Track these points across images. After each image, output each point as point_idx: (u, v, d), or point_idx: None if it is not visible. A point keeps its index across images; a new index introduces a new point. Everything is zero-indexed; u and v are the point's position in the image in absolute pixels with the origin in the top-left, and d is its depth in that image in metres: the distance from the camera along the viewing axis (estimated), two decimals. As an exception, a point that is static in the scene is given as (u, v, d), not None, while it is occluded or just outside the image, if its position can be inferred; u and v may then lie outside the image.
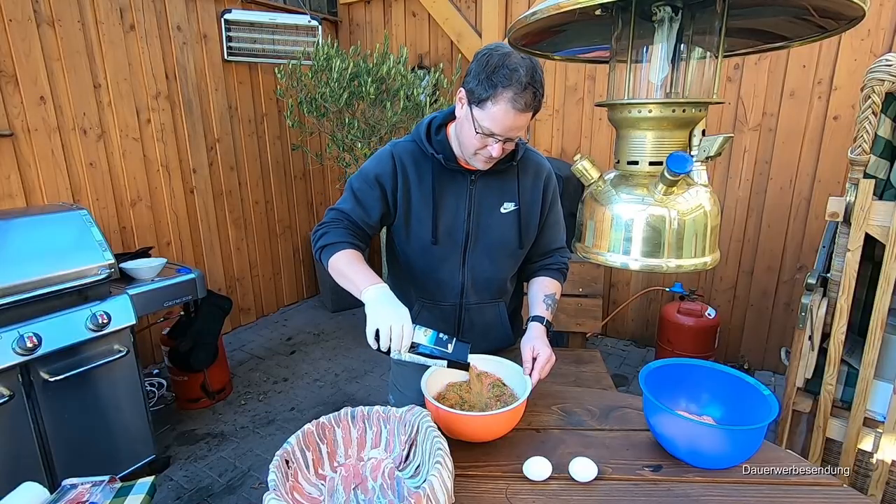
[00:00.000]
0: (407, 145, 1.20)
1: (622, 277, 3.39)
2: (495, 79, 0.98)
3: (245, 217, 3.63)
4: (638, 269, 0.72)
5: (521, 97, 0.98)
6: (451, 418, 1.00)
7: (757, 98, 2.74)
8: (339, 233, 1.17)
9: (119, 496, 1.29)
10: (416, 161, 1.19)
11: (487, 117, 1.01)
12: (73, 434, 1.87)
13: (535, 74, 0.99)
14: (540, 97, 1.01)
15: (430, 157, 1.18)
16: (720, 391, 1.08)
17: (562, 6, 0.60)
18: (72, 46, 2.55)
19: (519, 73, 0.97)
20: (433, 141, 1.18)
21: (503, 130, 1.02)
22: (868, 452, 1.55)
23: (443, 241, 1.20)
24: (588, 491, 0.92)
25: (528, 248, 1.29)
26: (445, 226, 1.19)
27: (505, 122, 1.00)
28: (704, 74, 0.73)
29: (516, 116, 1.00)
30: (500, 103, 0.99)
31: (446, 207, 1.19)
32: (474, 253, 1.22)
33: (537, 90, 0.99)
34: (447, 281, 1.24)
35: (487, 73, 0.99)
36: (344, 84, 2.87)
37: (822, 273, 1.68)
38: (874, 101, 1.38)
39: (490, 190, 1.20)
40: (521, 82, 0.97)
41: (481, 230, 1.21)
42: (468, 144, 1.09)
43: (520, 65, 0.98)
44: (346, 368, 3.15)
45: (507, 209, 1.21)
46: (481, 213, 1.20)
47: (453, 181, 1.19)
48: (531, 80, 0.98)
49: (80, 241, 1.93)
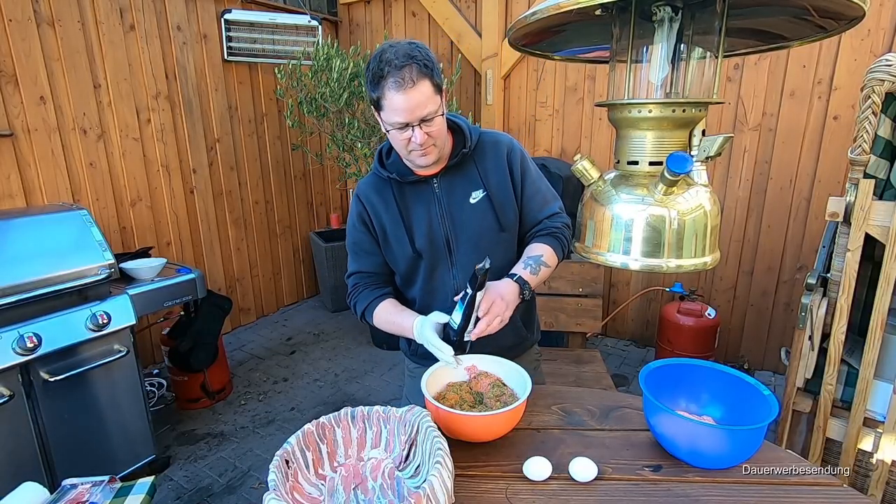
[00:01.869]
0: (368, 179, 1.26)
1: (622, 277, 3.39)
2: (375, 77, 1.02)
3: (245, 217, 3.63)
4: (638, 269, 0.72)
5: (400, 74, 1.00)
6: (451, 418, 1.00)
7: (757, 98, 2.74)
8: (364, 295, 1.27)
9: (119, 496, 1.29)
10: (378, 190, 1.23)
11: (389, 112, 1.04)
12: (73, 434, 1.87)
13: (411, 52, 1.01)
14: (424, 65, 1.02)
15: (388, 181, 1.22)
16: (720, 391, 1.07)
17: (562, 6, 0.60)
18: (72, 46, 2.55)
19: (391, 60, 1.00)
20: (386, 165, 1.22)
21: (406, 115, 1.03)
22: (868, 452, 1.55)
23: (425, 250, 1.21)
24: (588, 491, 0.92)
25: (514, 229, 1.26)
26: (423, 235, 1.21)
27: (400, 105, 1.02)
28: (704, 74, 0.73)
29: (406, 95, 1.01)
30: (387, 94, 1.02)
31: (417, 218, 1.21)
32: (459, 251, 1.22)
33: (418, 61, 1.01)
34: (440, 288, 1.25)
35: (369, 76, 1.05)
36: (344, 84, 2.87)
37: (822, 273, 1.68)
38: (874, 101, 1.38)
39: (454, 186, 1.21)
40: (394, 64, 1.00)
41: (458, 227, 1.21)
42: (399, 148, 1.12)
43: (391, 52, 1.01)
44: (346, 368, 3.15)
45: (477, 198, 1.21)
46: (452, 211, 1.21)
47: (417, 192, 1.21)
48: (406, 59, 1.00)
49: (80, 241, 1.93)
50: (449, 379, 1.15)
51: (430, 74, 1.03)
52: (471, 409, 1.05)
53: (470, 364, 1.16)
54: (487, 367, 1.16)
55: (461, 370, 1.16)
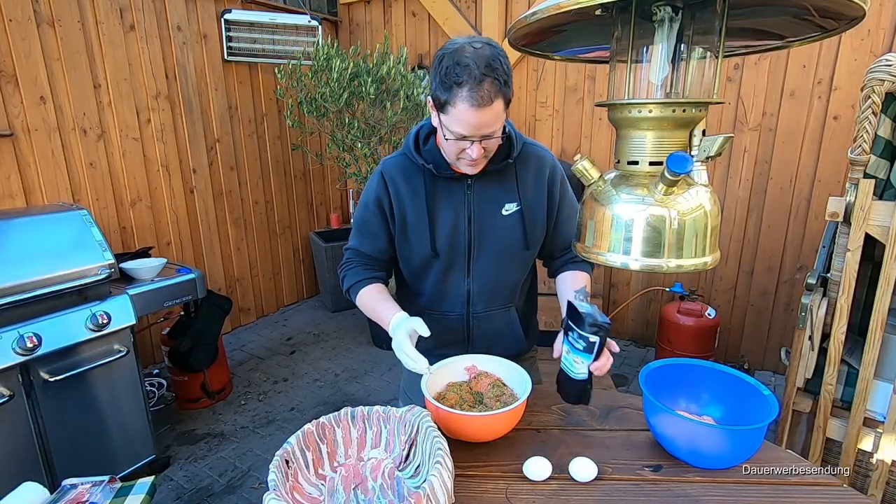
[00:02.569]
0: (397, 160, 1.17)
1: (622, 277, 3.39)
2: (448, 80, 0.94)
3: (245, 217, 3.64)
4: (638, 269, 0.72)
5: (478, 91, 0.93)
6: (451, 418, 1.00)
7: (757, 98, 2.74)
8: (356, 272, 1.22)
9: (119, 496, 1.29)
10: (406, 175, 1.15)
11: (453, 121, 0.98)
12: (73, 434, 1.87)
13: (492, 63, 0.93)
14: (503, 84, 0.95)
15: (421, 169, 1.14)
16: (720, 391, 1.08)
17: (562, 6, 0.60)
18: (72, 46, 2.55)
19: (470, 68, 0.92)
20: (422, 151, 1.14)
21: (472, 130, 0.98)
22: (868, 452, 1.55)
23: (443, 252, 1.16)
24: (588, 491, 0.92)
25: (536, 249, 1.24)
26: (445, 236, 1.15)
27: (470, 120, 0.96)
28: (704, 74, 0.73)
29: (480, 112, 0.95)
30: (458, 104, 0.95)
31: (443, 218, 1.15)
32: (478, 260, 1.19)
33: (498, 78, 0.94)
34: (452, 291, 1.21)
35: (441, 76, 0.95)
36: (344, 84, 2.87)
37: (822, 273, 1.68)
38: (874, 101, 1.38)
39: (488, 193, 1.15)
40: (474, 76, 0.92)
41: (483, 236, 1.17)
42: (447, 151, 1.07)
43: (472, 58, 0.92)
44: (346, 368, 3.15)
45: (509, 210, 1.16)
46: (482, 219, 1.16)
47: (448, 189, 1.15)
48: (488, 70, 0.92)
49: (80, 241, 1.93)
50: (449, 379, 1.15)
51: (506, 91, 0.96)
52: (471, 409, 1.06)
53: (470, 364, 1.16)
54: (487, 367, 1.16)
55: (461, 370, 1.16)
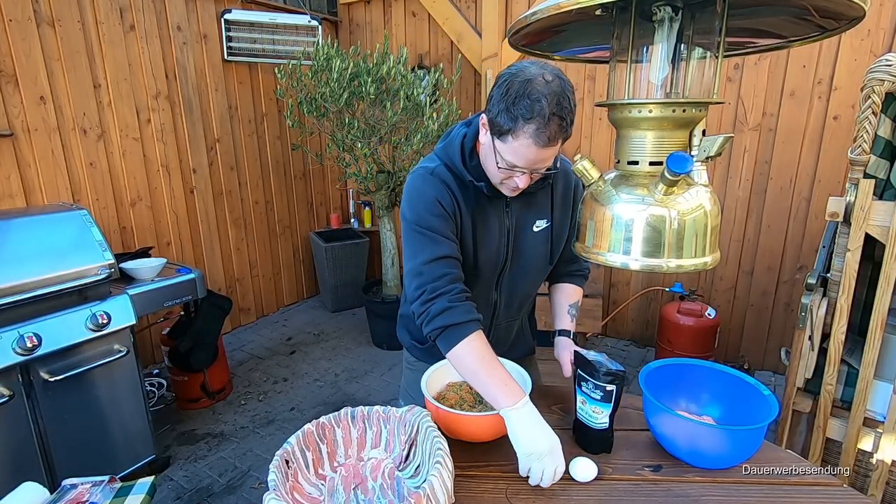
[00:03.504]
0: (441, 171, 1.09)
1: (622, 277, 3.39)
2: (516, 111, 0.88)
3: (245, 217, 3.64)
4: (638, 269, 0.72)
5: (545, 131, 0.88)
6: (450, 418, 1.00)
7: (757, 98, 2.74)
8: (464, 308, 1.01)
9: (119, 496, 1.29)
10: (457, 185, 1.09)
11: (509, 151, 0.93)
12: (73, 434, 1.87)
13: (561, 101, 0.88)
14: (568, 125, 0.91)
15: (469, 185, 1.08)
16: (720, 391, 1.08)
17: (562, 6, 0.60)
18: (72, 46, 2.55)
19: (541, 105, 0.87)
20: (469, 168, 1.07)
21: (528, 164, 0.95)
22: (868, 452, 1.55)
23: (483, 267, 1.15)
24: (588, 491, 0.92)
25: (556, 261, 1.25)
26: (487, 252, 1.14)
27: (528, 156, 0.92)
28: (704, 74, 0.73)
29: (540, 151, 0.91)
30: (521, 138, 0.90)
31: (487, 234, 1.13)
32: (509, 274, 1.19)
33: (564, 118, 0.89)
34: (480, 303, 1.18)
35: (507, 103, 0.89)
36: (344, 84, 2.87)
37: (822, 273, 1.68)
38: (874, 101, 1.38)
39: (525, 210, 1.15)
40: (544, 115, 0.87)
41: (518, 252, 1.16)
42: (493, 174, 1.02)
43: (543, 94, 0.87)
44: (346, 368, 3.15)
45: (540, 227, 1.16)
46: (517, 235, 1.15)
47: (490, 205, 1.12)
48: (557, 109, 0.88)
49: (80, 241, 1.93)
50: (449, 379, 1.15)
51: (569, 130, 0.92)
52: (471, 409, 1.06)
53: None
54: None
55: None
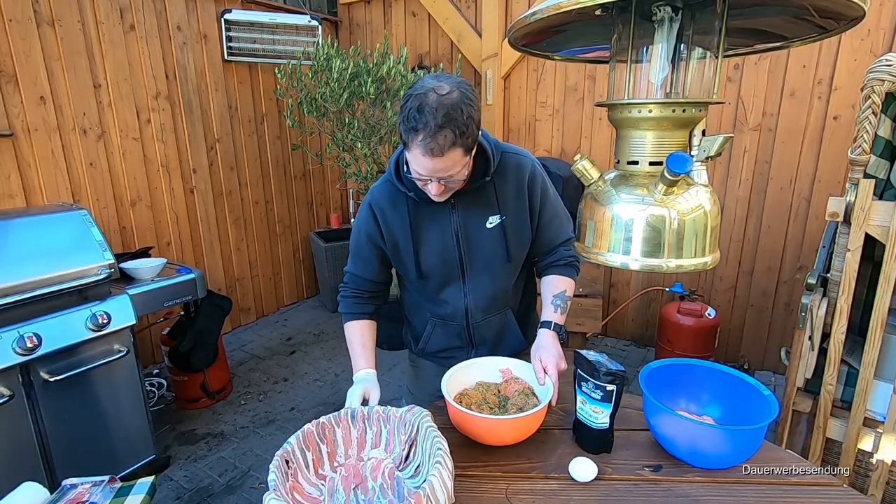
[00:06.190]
0: (383, 188, 1.19)
1: (622, 277, 3.39)
2: (408, 123, 0.94)
3: (245, 217, 3.63)
4: (638, 269, 0.72)
5: (433, 141, 0.92)
6: (458, 415, 1.01)
7: (757, 98, 2.74)
8: (347, 303, 1.28)
9: (119, 496, 1.29)
10: (392, 201, 1.17)
11: (412, 160, 0.99)
12: (73, 434, 1.87)
13: (451, 112, 0.92)
14: (461, 131, 0.94)
15: (404, 194, 1.16)
16: (720, 391, 1.08)
17: (562, 6, 0.61)
18: (72, 46, 2.55)
19: (427, 118, 0.91)
20: (404, 179, 1.13)
21: (428, 173, 0.99)
22: (868, 452, 1.55)
23: (434, 271, 1.20)
24: (588, 491, 0.92)
25: (522, 257, 1.26)
26: (435, 256, 1.18)
27: (425, 165, 0.96)
28: (704, 74, 0.73)
29: (435, 160, 0.95)
30: (413, 149, 0.95)
31: (430, 239, 1.17)
32: (472, 274, 1.21)
33: (456, 129, 0.93)
34: (451, 303, 1.24)
35: (402, 117, 0.96)
36: (344, 84, 2.87)
37: (822, 273, 1.68)
38: (874, 101, 1.38)
39: (472, 208, 1.16)
40: (429, 126, 0.91)
41: (472, 250, 1.19)
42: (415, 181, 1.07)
43: (433, 107, 0.91)
44: (346, 368, 3.14)
45: (493, 223, 1.18)
46: (469, 234, 1.18)
47: (433, 210, 1.16)
48: (445, 120, 0.91)
49: (80, 241, 1.93)
50: (481, 377, 1.16)
51: (464, 141, 0.95)
52: (490, 410, 1.05)
53: (505, 367, 1.17)
54: (521, 374, 1.15)
55: (496, 371, 1.16)
